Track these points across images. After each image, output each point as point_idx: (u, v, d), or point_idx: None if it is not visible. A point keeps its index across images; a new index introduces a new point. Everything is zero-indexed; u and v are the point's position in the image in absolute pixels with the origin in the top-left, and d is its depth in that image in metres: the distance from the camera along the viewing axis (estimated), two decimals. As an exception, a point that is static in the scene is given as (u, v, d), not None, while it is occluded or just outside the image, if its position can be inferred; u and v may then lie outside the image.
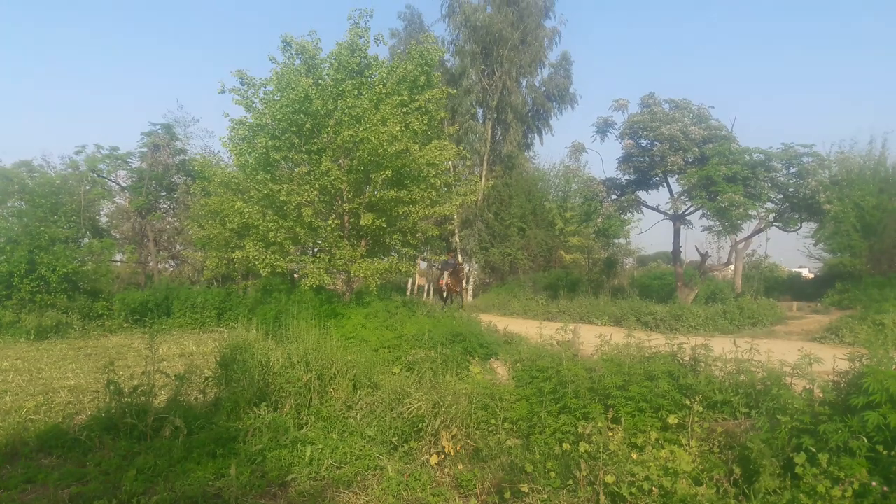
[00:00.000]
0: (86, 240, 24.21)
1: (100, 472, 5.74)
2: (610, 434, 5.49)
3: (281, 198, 13.69)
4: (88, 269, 20.70)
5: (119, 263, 28.45)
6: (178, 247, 29.26)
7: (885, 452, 4.49)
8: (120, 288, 23.98)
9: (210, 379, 8.15)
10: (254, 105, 14.99)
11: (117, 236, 28.13)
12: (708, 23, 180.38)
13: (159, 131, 26.67)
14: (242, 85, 14.87)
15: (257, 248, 14.34)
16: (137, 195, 25.88)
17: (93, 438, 6.46)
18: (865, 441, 4.55)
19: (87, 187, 24.93)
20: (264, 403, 7.14)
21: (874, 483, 4.37)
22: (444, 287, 21.73)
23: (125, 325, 18.26)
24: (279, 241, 14.17)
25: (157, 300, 19.41)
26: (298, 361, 7.67)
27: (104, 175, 26.62)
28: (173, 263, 30.48)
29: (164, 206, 28.43)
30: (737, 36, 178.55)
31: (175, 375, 7.78)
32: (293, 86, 13.75)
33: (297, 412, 7.15)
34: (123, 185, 27.65)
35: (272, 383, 7.52)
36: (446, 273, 21.87)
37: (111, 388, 6.94)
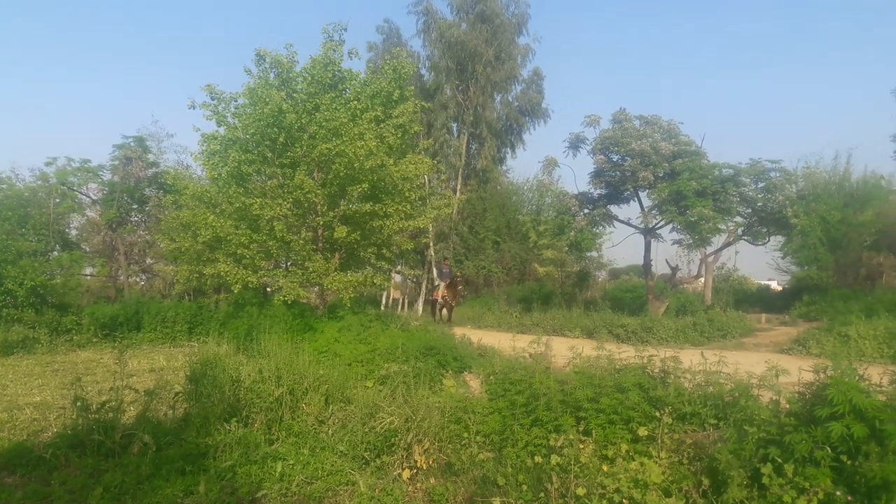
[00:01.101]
0: (55, 253, 23.72)
1: (65, 491, 5.63)
2: (581, 446, 5.53)
3: (254, 211, 13.60)
4: (57, 282, 20.32)
5: (89, 277, 27.89)
6: (149, 260, 28.80)
7: (848, 462, 4.58)
8: (89, 302, 23.55)
9: (180, 394, 8.05)
10: (226, 119, 14.92)
11: (87, 249, 27.61)
12: (678, 40, 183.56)
13: (131, 144, 26.31)
14: (213, 100, 14.80)
15: (229, 263, 14.23)
16: (108, 208, 25.47)
17: (58, 456, 6.32)
18: (830, 451, 4.63)
19: (57, 200, 24.45)
20: (235, 419, 7.06)
21: (838, 492, 4.45)
22: (441, 300, 21.11)
23: (94, 340, 17.88)
24: (251, 255, 14.07)
25: (127, 314, 19.09)
26: (270, 376, 7.61)
27: (75, 188, 26.16)
28: (144, 277, 29.99)
29: (136, 219, 27.99)
30: (706, 52, 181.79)
31: (144, 391, 7.66)
32: (266, 99, 13.72)
33: (268, 427, 7.09)
34: (94, 197, 27.21)
35: (243, 398, 7.45)
36: (442, 284, 21.26)
37: (78, 404, 6.81)
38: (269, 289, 17.01)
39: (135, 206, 27.33)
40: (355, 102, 14.42)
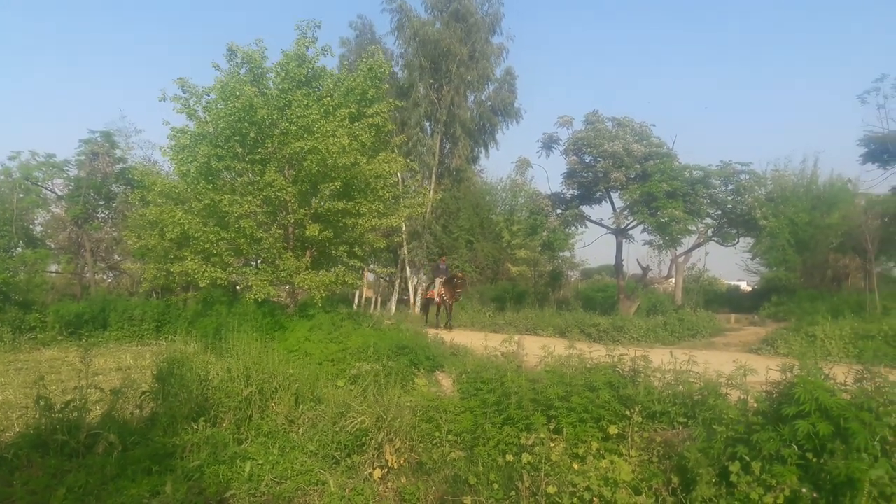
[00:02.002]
0: (18, 249, 23.28)
1: (27, 492, 5.47)
2: (552, 445, 5.54)
3: (223, 208, 13.42)
4: (21, 279, 19.90)
5: (54, 274, 27.36)
6: (116, 257, 28.31)
7: (814, 460, 4.64)
8: (54, 299, 23.03)
9: (147, 393, 7.89)
10: (196, 113, 14.71)
11: (52, 246, 27.09)
12: (652, 43, 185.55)
13: (98, 139, 25.81)
14: (184, 93, 14.58)
15: (197, 260, 14.04)
16: (74, 204, 24.96)
17: (20, 456, 6.14)
18: (796, 449, 4.69)
19: (21, 195, 23.94)
20: (203, 418, 6.96)
21: (804, 489, 4.51)
22: (438, 299, 19.82)
23: (59, 338, 17.54)
24: (219, 252, 13.88)
25: (93, 312, 18.76)
26: (239, 375, 7.50)
27: (39, 183, 25.61)
28: (111, 274, 29.49)
29: (103, 215, 27.49)
30: (678, 55, 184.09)
31: (110, 390, 7.51)
32: (237, 94, 13.54)
33: (236, 427, 6.99)
34: (60, 193, 26.66)
35: (211, 398, 7.34)
36: (438, 281, 19.92)
37: (41, 403, 6.65)
38: (238, 287, 16.79)
39: (101, 203, 26.85)
40: (328, 99, 14.29)
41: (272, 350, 8.64)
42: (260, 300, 13.68)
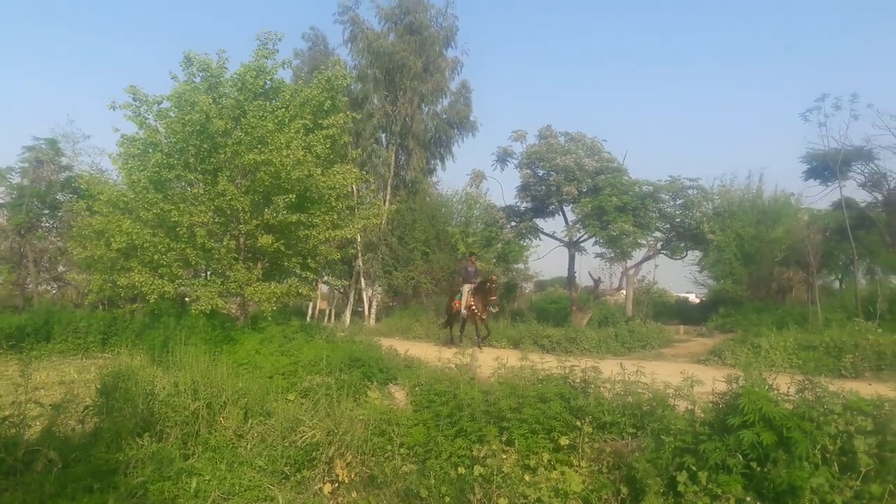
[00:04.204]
0: (-45, 259, 22.42)
1: (-41, 514, 5.27)
2: (504, 457, 5.56)
3: (173, 218, 13.14)
4: (-43, 291, 19.15)
5: (-6, 285, 26.46)
6: (60, 268, 27.46)
7: (758, 469, 4.75)
8: (-6, 311, 22.21)
9: (90, 408, 7.64)
10: (147, 121, 14.39)
11: (-7, 256, 26.18)
12: (605, 57, 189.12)
13: (43, 146, 25.10)
14: (135, 101, 14.26)
15: (144, 272, 13.69)
16: (17, 213, 24.15)
17: (-47, 476, 5.91)
18: (741, 458, 4.80)
19: (-41, 203, 23.14)
20: (148, 433, 6.77)
21: (748, 498, 4.61)
22: (465, 311, 16.35)
23: (-1, 351, 16.91)
24: (168, 263, 13.57)
25: (35, 324, 18.07)
26: (186, 389, 7.33)
27: (-22, 191, 24.80)
28: (55, 286, 28.59)
29: (47, 225, 26.69)
30: (625, 75, 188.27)
31: (51, 405, 7.26)
32: (193, 104, 13.27)
33: (183, 442, 6.83)
34: (1, 201, 25.82)
35: (157, 412, 7.15)
36: (466, 289, 16.46)
37: (-25, 419, 6.40)
38: (187, 299, 16.42)
39: (46, 212, 26.06)
40: (283, 111, 14.14)
41: (221, 363, 8.48)
42: (207, 312, 13.38)
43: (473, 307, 15.99)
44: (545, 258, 48.72)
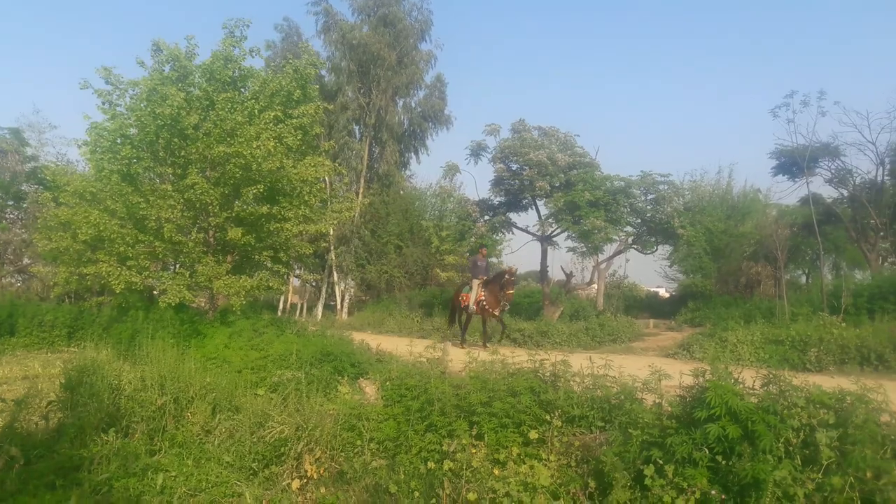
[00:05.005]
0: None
1: (-84, 512, 5.14)
2: (474, 451, 5.55)
3: (142, 211, 12.91)
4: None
5: (-44, 278, 25.90)
6: (25, 260, 26.94)
7: (723, 462, 4.79)
8: (-44, 304, 21.71)
9: (53, 403, 7.52)
10: (118, 110, 14.05)
11: (-45, 248, 25.61)
12: (578, 52, 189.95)
13: (7, 136, 24.62)
14: (108, 85, 13.90)
15: (112, 263, 13.46)
16: (-21, 204, 23.72)
17: None
18: (707, 452, 4.84)
19: (-80, 194, 22.57)
20: (113, 429, 6.67)
21: (714, 491, 4.65)
22: (475, 307, 15.28)
23: (-40, 346, 16.51)
24: (136, 255, 13.35)
25: (-1, 317, 17.74)
26: (153, 384, 7.25)
27: (-59, 181, 24.21)
28: (20, 278, 28.08)
29: (11, 216, 26.20)
30: (606, 66, 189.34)
31: (13, 400, 7.14)
32: (164, 98, 12.97)
33: (149, 438, 6.74)
34: (-36, 192, 25.26)
35: (123, 407, 7.06)
36: (476, 283, 15.38)
37: (-65, 415, 6.26)
38: (155, 292, 16.18)
39: (10, 203, 25.58)
40: (252, 102, 13.93)
41: (189, 357, 8.38)
42: (175, 305, 13.19)
43: (484, 301, 15.05)
44: (518, 252, 49.08)
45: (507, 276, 15.27)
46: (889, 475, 4.56)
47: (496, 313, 15.29)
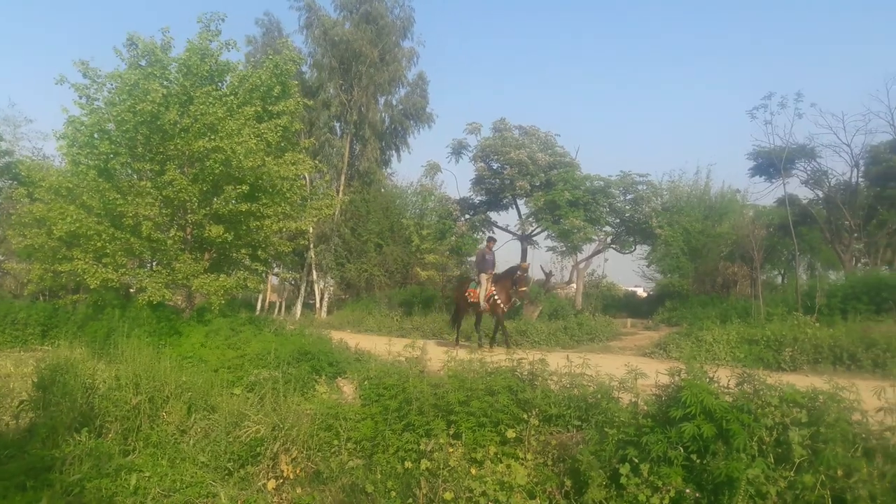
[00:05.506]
0: None
1: None
2: (451, 450, 5.55)
3: (118, 208, 12.75)
4: None
5: (-73, 275, 25.44)
6: (-1, 257, 26.58)
7: (698, 461, 4.83)
8: (-74, 302, 21.30)
9: (25, 402, 7.42)
10: (95, 104, 13.85)
11: (-74, 245, 25.15)
12: (559, 51, 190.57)
13: (-19, 131, 24.24)
14: (85, 78, 13.70)
15: (87, 259, 13.28)
16: (-48, 199, 23.28)
17: None
18: (682, 451, 4.87)
19: None
20: (87, 429, 6.58)
21: (688, 490, 4.69)
22: (485, 304, 14.25)
23: (-69, 344, 16.19)
24: (112, 252, 13.18)
25: (-29, 316, 17.42)
26: (128, 383, 7.15)
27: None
28: (-7, 275, 27.66)
29: (-16, 212, 25.75)
30: (588, 66, 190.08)
31: (-17, 399, 7.03)
32: (146, 93, 12.80)
33: (123, 438, 6.67)
34: (-65, 188, 24.79)
35: (97, 407, 6.97)
36: (485, 278, 14.38)
37: None
38: (132, 289, 16.00)
39: (-17, 199, 25.14)
40: (232, 97, 13.81)
41: (165, 356, 8.29)
42: (154, 303, 13.06)
43: (496, 297, 13.99)
44: (498, 251, 48.99)
45: (519, 273, 14.37)
46: (859, 473, 4.61)
47: (506, 308, 14.37)
